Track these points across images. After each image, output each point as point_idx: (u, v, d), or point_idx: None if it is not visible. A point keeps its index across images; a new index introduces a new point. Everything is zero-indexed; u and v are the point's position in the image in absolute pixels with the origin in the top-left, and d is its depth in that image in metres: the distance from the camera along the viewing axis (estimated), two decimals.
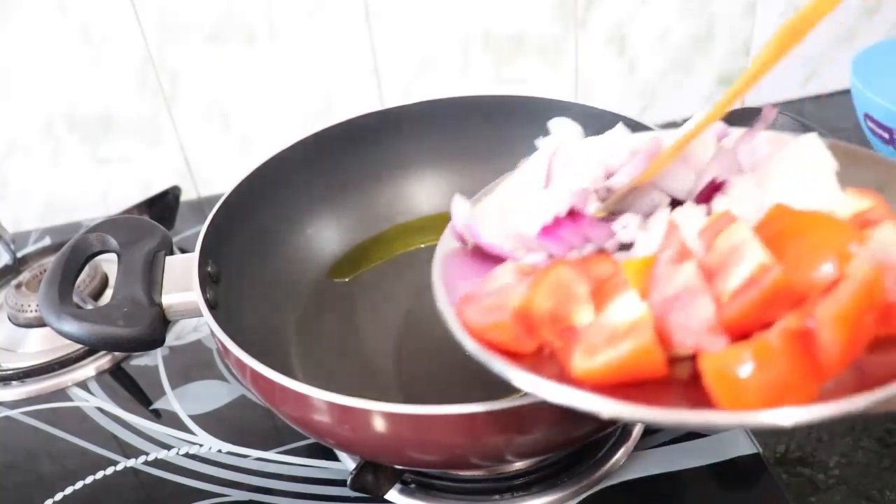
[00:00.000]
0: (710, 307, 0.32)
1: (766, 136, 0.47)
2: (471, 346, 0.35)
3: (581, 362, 0.33)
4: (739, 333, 0.32)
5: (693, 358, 0.32)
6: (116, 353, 0.71)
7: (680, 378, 0.33)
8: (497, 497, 0.54)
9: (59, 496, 0.59)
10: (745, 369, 0.29)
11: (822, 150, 0.43)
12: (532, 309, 0.35)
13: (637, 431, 0.57)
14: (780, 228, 0.35)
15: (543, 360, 0.35)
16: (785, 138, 0.47)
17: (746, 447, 0.55)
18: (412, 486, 0.55)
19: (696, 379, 0.31)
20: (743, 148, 0.46)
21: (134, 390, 0.68)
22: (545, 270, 0.37)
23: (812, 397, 0.30)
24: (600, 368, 0.32)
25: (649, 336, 0.32)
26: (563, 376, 0.33)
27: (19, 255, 0.82)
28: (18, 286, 0.74)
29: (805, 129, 0.59)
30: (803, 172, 0.42)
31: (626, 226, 0.41)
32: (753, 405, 0.29)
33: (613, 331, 0.33)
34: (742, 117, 0.63)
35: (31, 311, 0.72)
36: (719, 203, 0.42)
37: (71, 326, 0.51)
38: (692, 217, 0.40)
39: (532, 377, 0.33)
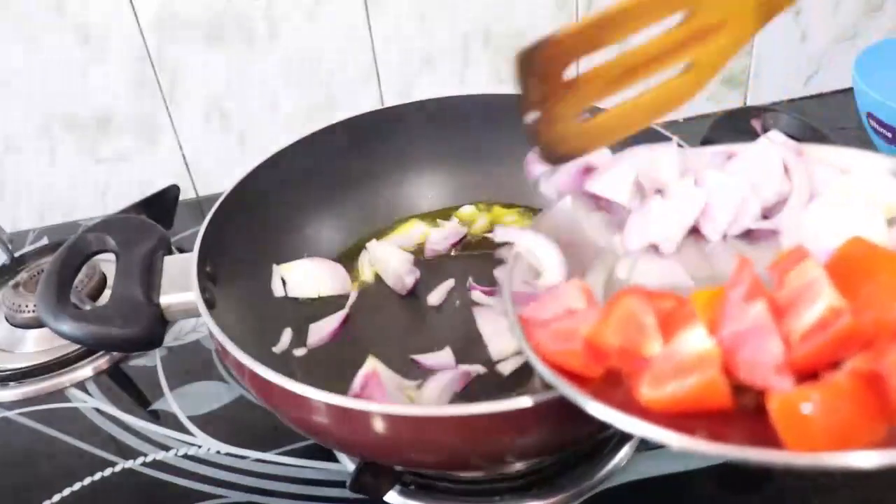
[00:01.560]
0: (779, 347, 0.32)
1: (823, 159, 0.47)
2: (543, 371, 0.36)
3: (648, 391, 0.34)
4: (806, 373, 0.32)
5: (758, 390, 0.33)
6: (114, 354, 0.71)
7: (745, 408, 0.33)
8: (497, 499, 0.54)
9: (56, 497, 0.58)
10: (814, 410, 0.30)
11: (889, 178, 0.44)
12: (602, 341, 0.36)
13: None
14: (853, 265, 0.36)
15: (610, 384, 0.36)
16: (842, 162, 0.46)
17: None
18: (412, 487, 0.54)
19: (761, 411, 0.32)
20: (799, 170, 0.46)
21: (132, 391, 0.68)
22: (614, 301, 0.37)
23: (879, 439, 0.30)
24: (667, 398, 0.33)
25: (716, 371, 0.33)
26: (629, 401, 0.34)
27: (17, 254, 0.82)
28: (16, 286, 0.74)
29: (807, 128, 0.59)
30: (866, 203, 0.43)
31: None
32: (820, 446, 0.29)
33: (681, 362, 0.34)
34: (744, 116, 0.63)
35: (29, 312, 0.72)
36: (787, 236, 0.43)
37: (69, 327, 0.51)
38: None
39: (603, 406, 0.34)
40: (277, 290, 0.65)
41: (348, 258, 0.70)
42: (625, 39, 0.41)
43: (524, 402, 0.40)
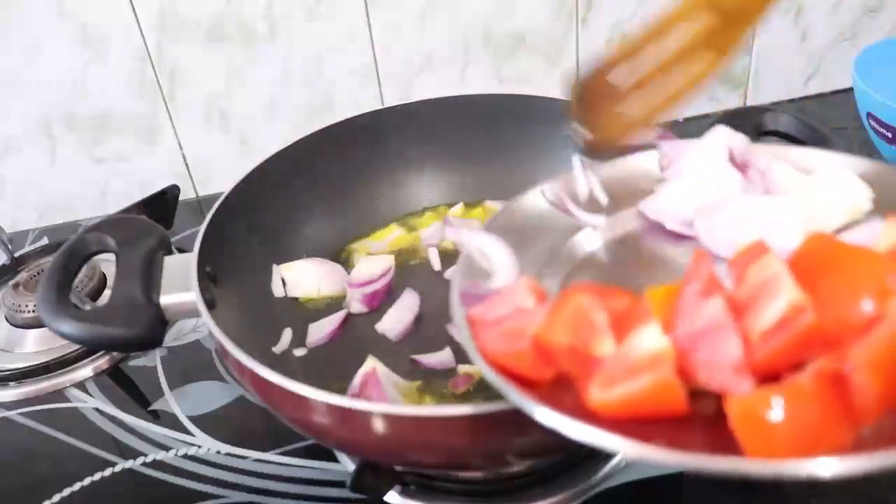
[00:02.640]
0: (737, 347, 0.30)
1: (785, 158, 0.47)
2: (488, 373, 0.34)
3: (598, 394, 0.32)
4: (767, 374, 0.30)
5: (716, 395, 0.31)
6: (114, 354, 0.71)
7: (702, 415, 0.31)
8: (497, 499, 0.54)
9: (56, 498, 0.58)
10: (775, 414, 0.28)
11: (853, 179, 0.43)
12: (551, 340, 0.34)
13: None
14: (815, 261, 0.34)
15: (560, 389, 0.34)
16: (806, 162, 0.46)
17: None
18: (412, 487, 0.54)
19: (719, 418, 0.30)
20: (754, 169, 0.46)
21: (132, 391, 0.68)
22: (563, 298, 0.35)
23: (846, 445, 0.28)
24: (617, 401, 0.31)
25: (670, 371, 0.31)
26: (579, 406, 0.32)
27: (17, 254, 0.81)
28: (16, 286, 0.74)
29: (808, 128, 0.59)
30: (832, 203, 0.42)
31: None
32: (782, 453, 0.27)
33: (633, 363, 0.31)
34: (744, 116, 0.63)
35: (29, 312, 0.72)
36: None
37: (69, 327, 0.50)
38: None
39: (550, 411, 0.31)
40: (277, 290, 0.65)
41: (348, 258, 0.70)
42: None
43: None
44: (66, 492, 0.59)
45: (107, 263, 0.75)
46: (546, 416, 0.31)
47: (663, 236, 0.46)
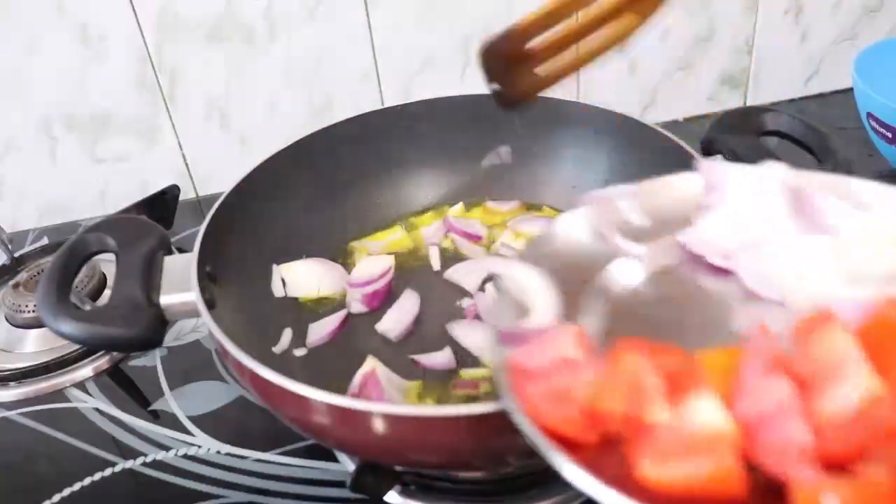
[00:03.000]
0: (805, 435, 0.29)
1: (839, 190, 0.43)
2: (534, 436, 0.32)
3: (651, 469, 0.30)
4: (831, 462, 0.29)
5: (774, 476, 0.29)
6: (114, 354, 0.71)
7: (753, 495, 0.29)
8: (497, 499, 0.54)
9: (56, 497, 0.58)
10: None
11: None
12: (603, 408, 0.32)
13: None
14: (886, 333, 0.32)
15: (605, 451, 0.32)
16: (862, 197, 0.42)
17: None
18: (412, 487, 0.54)
19: (769, 497, 0.29)
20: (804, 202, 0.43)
21: (132, 391, 0.68)
22: (615, 359, 0.33)
23: None
24: (671, 481, 0.30)
25: (732, 457, 0.29)
26: (625, 472, 0.31)
27: (17, 254, 0.81)
28: (16, 286, 0.74)
29: (808, 128, 0.59)
30: (888, 245, 0.39)
31: None
32: None
33: (691, 439, 0.30)
34: (744, 117, 0.63)
35: (29, 312, 0.72)
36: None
37: (69, 327, 0.50)
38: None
39: (594, 481, 0.30)
40: (277, 290, 0.65)
41: (348, 258, 0.70)
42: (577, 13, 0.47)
43: None
44: (66, 492, 0.59)
45: (107, 263, 0.75)
46: (588, 483, 0.30)
47: (704, 269, 0.44)
